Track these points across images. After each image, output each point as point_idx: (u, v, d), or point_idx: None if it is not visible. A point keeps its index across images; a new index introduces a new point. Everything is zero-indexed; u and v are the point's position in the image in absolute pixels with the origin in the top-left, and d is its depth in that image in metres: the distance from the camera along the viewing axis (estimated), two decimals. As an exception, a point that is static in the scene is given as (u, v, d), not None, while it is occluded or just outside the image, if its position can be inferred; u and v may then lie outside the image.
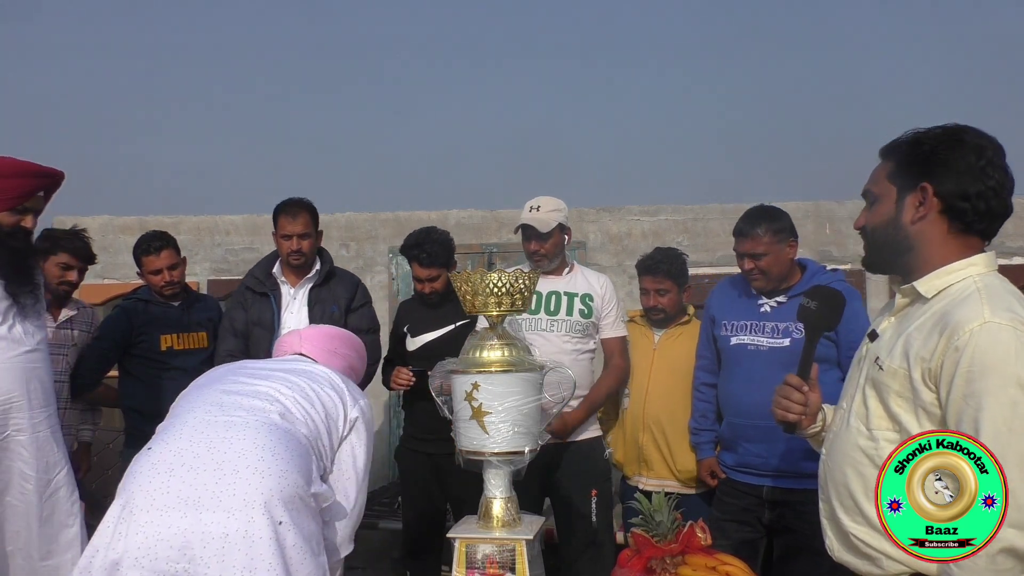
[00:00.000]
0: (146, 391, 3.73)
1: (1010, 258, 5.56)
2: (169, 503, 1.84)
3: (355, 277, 3.86)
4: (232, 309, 3.69)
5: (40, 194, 2.87)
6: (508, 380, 2.27)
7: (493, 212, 6.13)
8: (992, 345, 1.50)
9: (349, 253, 6.04)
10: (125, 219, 6.16)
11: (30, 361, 2.81)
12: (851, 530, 1.70)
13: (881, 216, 1.73)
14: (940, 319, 1.59)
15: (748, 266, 3.02)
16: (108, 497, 1.97)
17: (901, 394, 1.62)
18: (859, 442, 1.70)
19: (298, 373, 2.23)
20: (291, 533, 1.88)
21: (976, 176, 1.63)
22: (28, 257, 2.88)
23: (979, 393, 1.49)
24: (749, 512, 3.00)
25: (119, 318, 3.79)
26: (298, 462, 1.96)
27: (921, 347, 1.59)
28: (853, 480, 1.70)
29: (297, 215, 3.62)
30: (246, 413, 2.02)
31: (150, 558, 1.79)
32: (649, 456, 3.53)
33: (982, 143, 1.65)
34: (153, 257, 3.79)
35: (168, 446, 1.95)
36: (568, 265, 3.55)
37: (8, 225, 2.78)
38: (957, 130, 1.68)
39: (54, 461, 2.86)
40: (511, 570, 2.25)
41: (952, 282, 1.64)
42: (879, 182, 1.75)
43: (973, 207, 1.63)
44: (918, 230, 1.68)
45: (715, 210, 5.98)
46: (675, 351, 3.55)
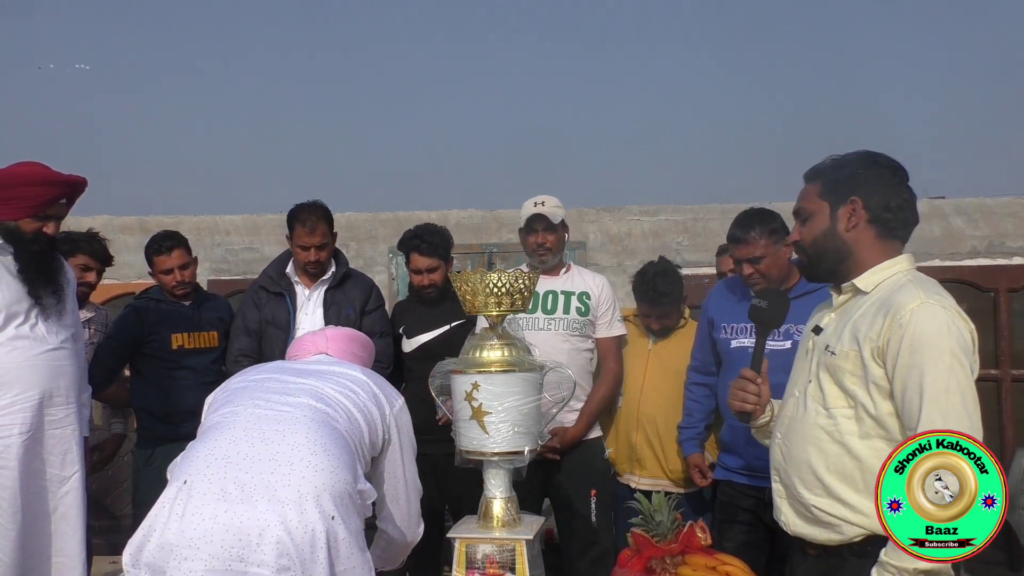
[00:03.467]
0: (157, 391, 3.75)
1: (1010, 258, 5.55)
2: (227, 490, 1.88)
3: (370, 280, 3.85)
4: (245, 308, 3.68)
5: (62, 201, 2.94)
6: (508, 380, 2.27)
7: (493, 212, 6.13)
8: (929, 321, 1.77)
9: (349, 253, 6.02)
10: (125, 219, 6.15)
11: (55, 359, 2.89)
12: (812, 502, 1.91)
13: (818, 228, 1.99)
14: (882, 304, 1.86)
15: (748, 271, 3.00)
16: (108, 497, 1.98)
17: (854, 372, 1.86)
18: (818, 421, 1.92)
19: (337, 374, 2.28)
20: (341, 528, 1.93)
21: (895, 191, 1.94)
22: (51, 260, 2.96)
23: (921, 363, 1.75)
24: (751, 514, 3.00)
25: (130, 317, 3.81)
26: (346, 459, 2.02)
27: (868, 329, 1.85)
28: (815, 456, 1.91)
29: (315, 227, 3.57)
30: (294, 409, 2.07)
31: (205, 541, 1.82)
32: (642, 455, 3.55)
33: (894, 165, 1.98)
34: (164, 256, 3.81)
35: (223, 435, 2.00)
36: (565, 265, 3.57)
37: (30, 231, 2.86)
38: (871, 154, 1.99)
39: (71, 460, 2.92)
40: (511, 570, 2.25)
41: (885, 277, 1.93)
42: (811, 200, 2.01)
43: (895, 216, 1.94)
44: (852, 237, 1.95)
45: (715, 210, 5.97)
46: (670, 351, 3.57)
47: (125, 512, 4.99)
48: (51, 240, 2.94)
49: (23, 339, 2.83)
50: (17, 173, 2.85)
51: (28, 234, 2.86)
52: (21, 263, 2.86)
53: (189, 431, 3.55)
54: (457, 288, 2.39)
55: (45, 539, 2.87)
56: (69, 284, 3.04)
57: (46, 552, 2.86)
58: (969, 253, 5.57)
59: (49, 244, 2.93)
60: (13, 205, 2.83)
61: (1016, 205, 5.61)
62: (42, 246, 2.89)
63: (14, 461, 2.75)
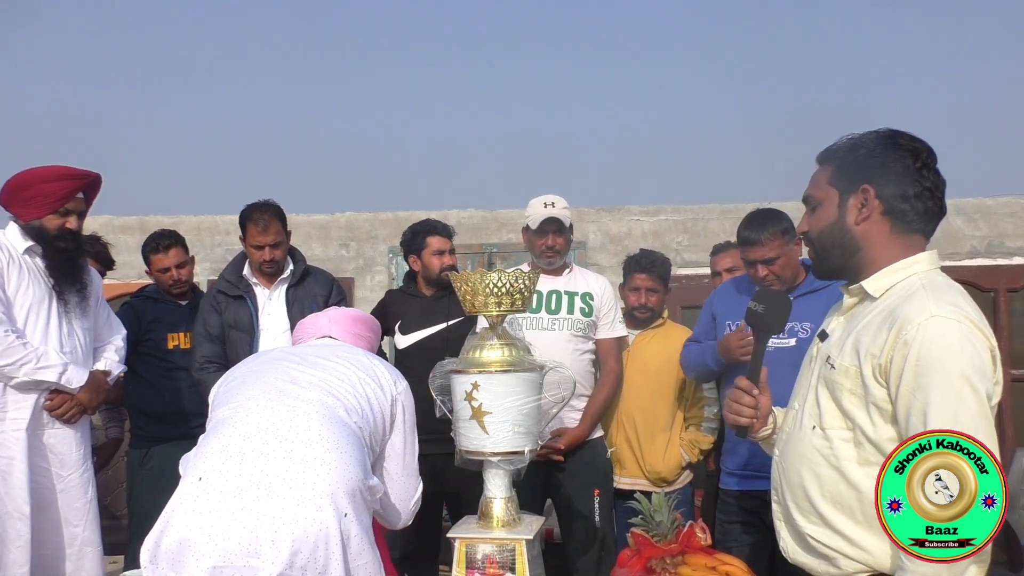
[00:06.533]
0: (152, 391, 3.76)
1: (1010, 258, 5.55)
2: (242, 486, 1.87)
3: (329, 275, 3.82)
4: (205, 313, 3.61)
5: (80, 196, 3.05)
6: (508, 380, 2.27)
7: (493, 212, 6.13)
8: (938, 338, 1.53)
9: (349, 253, 6.04)
10: (125, 219, 6.15)
11: (71, 358, 2.99)
12: (807, 531, 1.71)
13: (825, 219, 1.76)
14: (888, 315, 1.62)
15: (763, 273, 2.99)
16: (108, 497, 1.98)
17: (853, 391, 1.65)
18: (813, 442, 1.71)
19: (345, 361, 2.26)
20: (354, 525, 1.94)
21: (914, 178, 1.68)
22: (77, 258, 3.07)
23: (927, 387, 1.53)
24: (754, 514, 3.00)
25: (127, 315, 3.81)
26: (357, 455, 2.02)
27: (871, 343, 1.62)
28: (808, 480, 1.71)
29: (268, 225, 3.53)
30: (307, 405, 2.06)
31: (222, 538, 1.82)
32: (622, 455, 3.58)
33: (917, 146, 1.70)
34: (162, 255, 3.82)
35: (236, 431, 1.99)
36: (568, 266, 3.57)
37: (54, 228, 2.98)
38: (891, 134, 1.73)
39: (76, 456, 3.00)
40: (511, 570, 2.25)
41: (898, 280, 1.68)
42: (820, 187, 1.78)
43: (913, 207, 1.68)
44: (863, 231, 1.71)
45: (715, 210, 5.98)
46: (649, 352, 3.60)
47: (125, 512, 4.99)
48: (76, 237, 3.04)
49: (42, 335, 2.92)
50: (33, 174, 2.97)
51: (52, 231, 2.96)
52: (48, 260, 2.97)
53: (184, 431, 3.58)
54: (457, 288, 2.39)
55: (52, 535, 2.92)
56: (93, 283, 3.13)
57: (60, 545, 2.93)
58: (969, 253, 5.57)
59: (75, 241, 3.03)
60: (34, 204, 2.95)
61: (1016, 205, 5.62)
62: (67, 243, 3.00)
63: (23, 453, 2.82)
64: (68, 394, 2.94)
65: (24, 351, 2.84)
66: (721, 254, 3.99)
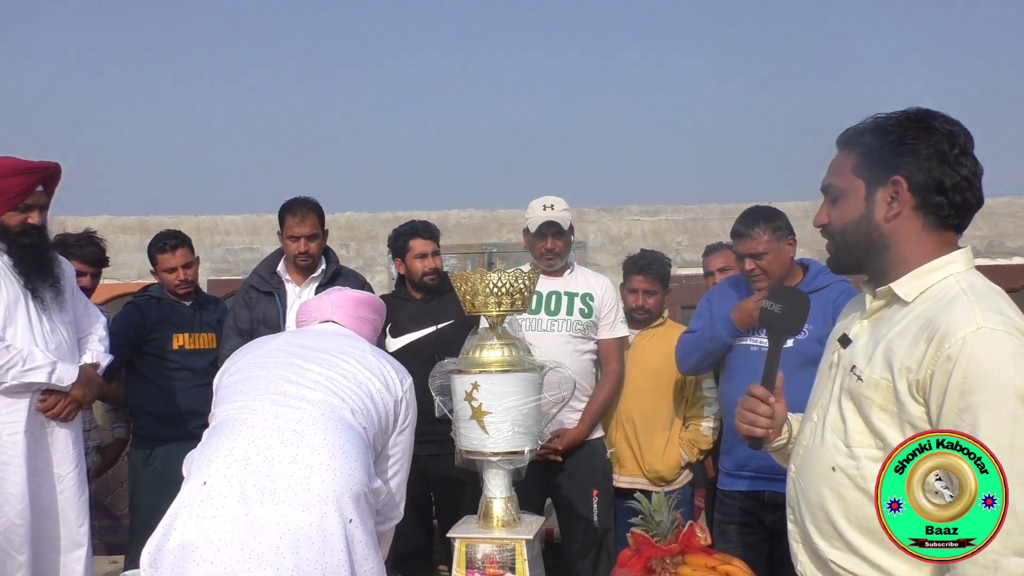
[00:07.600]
0: (155, 391, 3.75)
1: (1010, 258, 5.55)
2: (247, 492, 1.86)
3: (361, 277, 3.86)
4: (237, 308, 3.66)
5: (39, 189, 2.93)
6: (508, 380, 2.27)
7: (493, 212, 6.13)
8: (987, 353, 1.36)
9: (349, 253, 6.04)
10: (125, 219, 6.16)
11: (56, 355, 2.90)
12: (829, 556, 1.55)
13: (850, 213, 1.57)
14: (926, 324, 1.44)
15: (749, 267, 3.01)
16: (108, 497, 1.98)
17: (885, 408, 1.48)
18: (837, 460, 1.54)
19: (351, 359, 2.21)
20: (358, 530, 1.93)
21: (952, 165, 1.48)
22: (44, 252, 2.96)
23: (975, 407, 1.36)
24: (752, 515, 3.00)
25: (132, 314, 3.80)
26: (361, 459, 2.00)
27: (906, 356, 1.44)
28: (831, 502, 1.54)
29: (305, 217, 3.60)
30: (312, 407, 2.03)
31: (226, 543, 1.81)
32: (622, 454, 3.57)
33: (952, 129, 1.51)
34: (168, 255, 3.82)
35: (240, 433, 1.97)
36: (569, 266, 3.57)
37: (16, 225, 2.86)
38: (924, 115, 1.53)
39: (69, 456, 2.94)
40: (511, 570, 2.26)
41: (932, 282, 1.50)
42: (843, 175, 1.58)
43: (949, 200, 1.49)
44: (892, 228, 1.53)
45: (715, 210, 5.98)
46: (648, 352, 3.60)
47: (125, 512, 4.98)
48: (40, 231, 2.94)
49: (25, 335, 2.84)
50: None
51: (14, 227, 2.85)
52: (15, 258, 2.86)
53: (187, 431, 3.58)
54: (457, 288, 2.39)
55: (54, 536, 2.88)
56: (65, 276, 3.03)
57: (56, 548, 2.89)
58: (969, 253, 5.57)
59: (39, 236, 2.93)
60: None
61: (1016, 205, 5.62)
62: (32, 239, 2.90)
63: (20, 457, 2.77)
64: (61, 392, 2.88)
65: (8, 355, 2.75)
66: (713, 255, 4.01)
